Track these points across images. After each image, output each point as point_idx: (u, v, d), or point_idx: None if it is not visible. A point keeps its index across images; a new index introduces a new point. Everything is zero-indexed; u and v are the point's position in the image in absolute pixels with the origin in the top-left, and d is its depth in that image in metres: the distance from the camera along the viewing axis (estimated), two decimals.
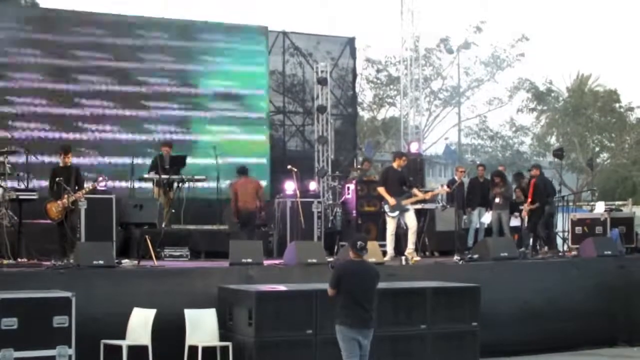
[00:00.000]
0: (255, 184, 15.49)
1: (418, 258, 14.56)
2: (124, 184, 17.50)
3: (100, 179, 13.76)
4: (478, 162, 22.64)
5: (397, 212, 14.34)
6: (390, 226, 14.48)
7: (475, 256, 14.43)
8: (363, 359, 9.39)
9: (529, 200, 16.33)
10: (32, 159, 15.18)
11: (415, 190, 14.72)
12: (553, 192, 17.05)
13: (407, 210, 14.45)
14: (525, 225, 16.62)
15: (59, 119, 18.52)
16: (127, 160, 17.61)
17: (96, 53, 18.96)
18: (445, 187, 15.83)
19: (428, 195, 15.55)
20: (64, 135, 18.36)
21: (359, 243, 9.51)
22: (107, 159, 18.64)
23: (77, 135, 18.54)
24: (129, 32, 19.46)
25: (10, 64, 18.23)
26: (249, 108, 20.58)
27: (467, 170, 22.13)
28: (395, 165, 14.73)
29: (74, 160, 14.32)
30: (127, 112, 19.14)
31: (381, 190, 14.52)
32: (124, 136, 19.01)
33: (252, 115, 20.61)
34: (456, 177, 17.60)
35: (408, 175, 15.14)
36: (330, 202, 18.63)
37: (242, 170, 15.58)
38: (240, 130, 20.33)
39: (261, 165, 20.13)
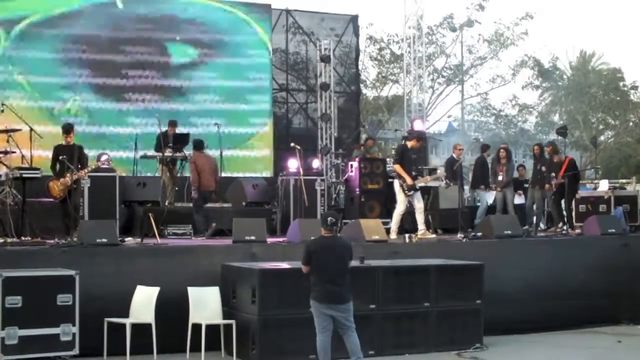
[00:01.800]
0: (213, 160, 15.01)
1: (433, 235, 14.71)
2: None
3: (104, 157, 13.72)
4: (481, 140, 22.56)
5: (412, 192, 14.33)
6: (402, 205, 14.41)
7: (479, 234, 14.42)
8: (346, 331, 9.46)
9: (561, 175, 16.21)
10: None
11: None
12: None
13: (418, 190, 14.48)
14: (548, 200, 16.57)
15: None
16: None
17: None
18: (441, 171, 15.67)
19: (430, 179, 15.61)
20: None
21: (329, 219, 9.59)
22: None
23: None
24: (129, 11, 19.30)
25: None
26: (252, 86, 20.47)
27: (470, 148, 22.09)
28: (409, 145, 14.70)
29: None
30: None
31: (398, 167, 14.39)
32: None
33: (255, 93, 20.51)
34: (454, 155, 17.53)
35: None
36: (334, 179, 18.63)
37: (199, 145, 15.03)
38: (244, 108, 20.25)
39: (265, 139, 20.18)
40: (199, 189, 14.69)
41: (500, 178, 16.70)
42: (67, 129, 13.26)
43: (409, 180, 14.23)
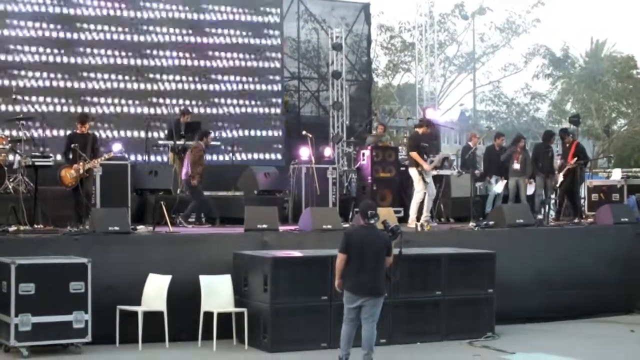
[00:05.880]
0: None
1: (435, 224, 14.72)
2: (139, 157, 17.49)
3: (116, 146, 13.75)
4: (494, 129, 22.48)
5: (429, 178, 14.40)
6: (421, 193, 14.36)
7: (491, 223, 14.39)
8: (367, 323, 9.41)
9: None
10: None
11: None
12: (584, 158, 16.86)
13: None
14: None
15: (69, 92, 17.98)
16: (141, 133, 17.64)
17: (104, 25, 18.47)
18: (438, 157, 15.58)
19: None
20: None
21: (369, 212, 9.50)
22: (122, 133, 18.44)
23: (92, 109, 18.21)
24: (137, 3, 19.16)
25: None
26: (264, 77, 20.39)
27: (483, 137, 22.02)
28: (420, 132, 14.70)
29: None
30: (142, 86, 18.87)
31: (415, 155, 14.40)
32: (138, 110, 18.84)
33: (266, 84, 20.44)
34: (471, 144, 17.47)
35: None
36: (345, 168, 18.59)
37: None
38: (255, 99, 20.18)
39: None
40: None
41: (515, 167, 16.56)
42: (83, 120, 13.36)
43: (426, 166, 14.30)
